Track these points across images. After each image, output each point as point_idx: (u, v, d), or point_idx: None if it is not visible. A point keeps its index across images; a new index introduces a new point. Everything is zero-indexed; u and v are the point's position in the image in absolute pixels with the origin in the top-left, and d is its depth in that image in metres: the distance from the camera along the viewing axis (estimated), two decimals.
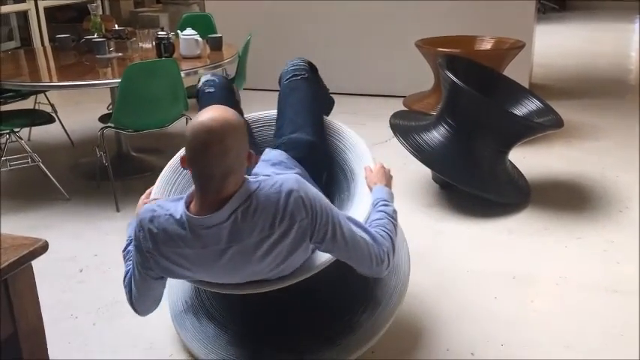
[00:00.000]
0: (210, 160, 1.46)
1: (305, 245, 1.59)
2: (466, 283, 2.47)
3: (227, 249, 1.54)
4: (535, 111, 3.30)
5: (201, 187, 1.52)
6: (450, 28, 4.72)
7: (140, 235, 1.59)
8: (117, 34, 4.06)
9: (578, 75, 6.19)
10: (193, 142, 1.46)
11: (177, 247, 1.55)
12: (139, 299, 1.73)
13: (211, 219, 1.51)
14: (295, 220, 1.53)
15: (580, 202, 3.20)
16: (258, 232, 1.53)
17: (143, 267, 1.63)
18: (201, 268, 1.60)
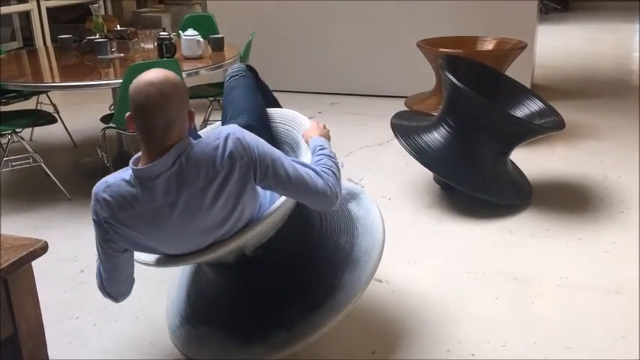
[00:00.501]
0: (153, 110, 1.55)
1: (251, 187, 1.67)
2: (467, 283, 2.47)
3: (177, 201, 1.61)
4: (537, 112, 3.29)
5: (146, 138, 1.60)
6: (452, 28, 4.72)
7: (97, 207, 1.64)
8: (119, 34, 4.06)
9: (581, 76, 6.18)
10: (138, 97, 1.55)
11: (131, 208, 1.61)
12: (109, 281, 1.76)
13: (156, 166, 1.58)
14: (235, 159, 1.62)
15: (581, 203, 3.19)
16: (203, 176, 1.60)
17: (105, 241, 1.67)
18: (156, 230, 1.65)
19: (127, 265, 1.77)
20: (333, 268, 2.00)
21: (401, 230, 2.93)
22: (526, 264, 2.61)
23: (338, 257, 2.03)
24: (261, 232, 1.81)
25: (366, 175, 3.63)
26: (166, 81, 1.57)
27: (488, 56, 4.08)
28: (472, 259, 2.66)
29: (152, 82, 1.55)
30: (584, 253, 2.70)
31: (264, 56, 5.09)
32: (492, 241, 2.82)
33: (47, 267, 2.61)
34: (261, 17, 5.47)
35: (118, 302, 1.84)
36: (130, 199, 1.61)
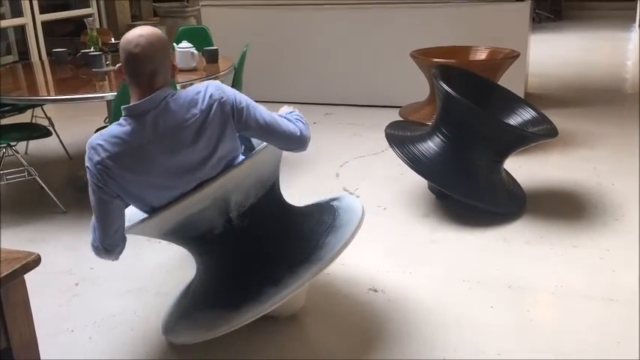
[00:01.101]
0: (142, 59, 1.81)
1: (230, 129, 1.89)
2: (462, 292, 2.47)
3: (164, 136, 1.81)
4: (530, 120, 3.31)
5: (135, 83, 1.84)
6: (445, 38, 4.75)
7: (90, 154, 1.81)
8: (114, 47, 4.07)
9: (574, 84, 6.22)
10: (129, 46, 1.81)
11: (123, 144, 1.79)
12: (102, 231, 1.87)
13: (145, 103, 1.81)
14: (214, 98, 1.87)
15: (576, 210, 3.20)
16: (187, 115, 1.83)
17: (98, 187, 1.82)
18: (145, 168, 1.81)
19: (119, 214, 1.89)
20: (317, 234, 2.12)
21: (396, 239, 2.94)
22: (521, 272, 2.61)
23: (321, 229, 2.14)
24: (242, 179, 1.95)
25: (361, 185, 3.63)
26: (153, 34, 1.84)
27: (481, 66, 4.10)
28: (467, 267, 2.66)
29: (141, 34, 1.82)
30: (578, 260, 2.70)
31: (258, 68, 5.11)
32: (488, 249, 2.82)
33: (42, 280, 2.61)
34: (255, 29, 5.49)
35: (112, 258, 1.95)
36: (122, 135, 1.80)
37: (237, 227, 2.00)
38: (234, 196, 1.95)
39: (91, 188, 1.85)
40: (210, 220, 1.96)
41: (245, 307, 1.95)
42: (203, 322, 2.08)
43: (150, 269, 2.72)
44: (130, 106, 1.83)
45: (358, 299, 2.44)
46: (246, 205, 1.99)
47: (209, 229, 1.99)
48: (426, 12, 5.13)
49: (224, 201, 1.94)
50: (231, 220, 1.98)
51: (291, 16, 5.50)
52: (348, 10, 5.38)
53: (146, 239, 3.00)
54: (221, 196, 1.92)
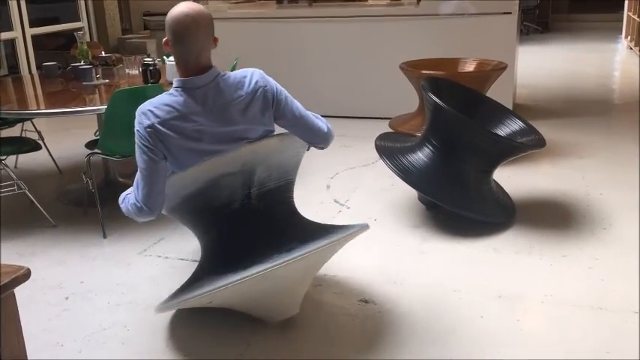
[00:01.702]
0: (191, 36, 1.97)
1: (269, 115, 2.11)
2: (452, 302, 2.48)
3: (212, 110, 2.01)
4: (518, 131, 3.34)
5: (185, 59, 2.01)
6: (434, 50, 4.79)
7: (141, 118, 1.97)
8: (104, 60, 4.08)
9: (562, 95, 6.28)
10: (177, 25, 1.96)
11: (174, 111, 1.97)
12: (148, 192, 2.00)
13: (201, 79, 2.01)
14: (258, 86, 2.08)
15: (565, 220, 3.23)
16: (235, 94, 2.04)
17: (148, 148, 1.97)
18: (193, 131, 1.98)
19: (163, 176, 2.03)
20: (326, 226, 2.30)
21: (387, 250, 2.95)
22: (511, 282, 2.62)
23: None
24: (270, 153, 2.14)
25: (351, 196, 3.65)
26: (200, 11, 1.99)
27: (470, 77, 4.14)
28: (458, 277, 2.67)
29: (188, 13, 1.96)
30: (567, 269, 2.72)
31: None
32: (478, 260, 2.83)
33: (32, 294, 2.60)
34: (245, 41, 5.52)
35: (151, 217, 2.08)
36: (172, 104, 1.98)
37: (253, 207, 2.14)
38: (258, 170, 2.12)
39: (140, 150, 2.00)
40: (233, 191, 2.10)
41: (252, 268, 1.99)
42: (207, 283, 2.09)
43: (141, 283, 2.72)
44: (185, 80, 2.00)
45: (348, 310, 2.44)
46: (266, 186, 2.16)
47: (228, 202, 2.11)
48: (414, 24, 5.18)
49: (250, 172, 2.10)
50: (250, 197, 2.13)
51: (281, 29, 5.53)
52: (337, 22, 5.42)
53: (137, 252, 3.00)
54: (250, 162, 2.09)
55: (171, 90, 2.03)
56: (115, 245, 3.10)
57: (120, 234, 3.22)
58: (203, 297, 2.04)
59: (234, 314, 2.42)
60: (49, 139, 4.23)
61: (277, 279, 2.06)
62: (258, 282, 1.99)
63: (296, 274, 2.19)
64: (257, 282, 1.98)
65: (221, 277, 2.02)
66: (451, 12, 5.01)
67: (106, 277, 2.78)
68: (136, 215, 2.10)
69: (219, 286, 1.98)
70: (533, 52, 9.00)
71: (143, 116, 1.98)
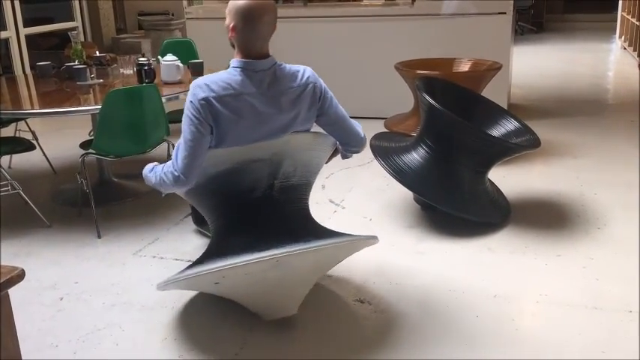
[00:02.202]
0: (261, 21, 2.09)
1: (313, 112, 2.22)
2: (448, 302, 2.48)
3: (265, 94, 2.10)
4: (513, 131, 3.35)
5: (250, 45, 2.11)
6: (429, 50, 4.80)
7: (196, 90, 2.05)
8: (98, 60, 4.07)
9: (557, 95, 6.30)
10: (248, 10, 2.06)
11: (230, 89, 2.06)
12: (189, 163, 2.06)
13: (262, 63, 2.12)
14: (309, 82, 2.20)
15: (559, 220, 3.24)
16: (288, 84, 2.15)
17: (198, 120, 2.04)
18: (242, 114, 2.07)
19: (205, 150, 2.08)
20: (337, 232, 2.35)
21: (382, 251, 2.95)
22: (506, 281, 2.63)
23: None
24: (299, 148, 2.21)
25: (346, 197, 3.65)
26: (270, 2, 2.11)
27: (464, 77, 4.14)
28: (453, 277, 2.67)
29: (258, 2, 2.07)
30: (562, 269, 2.73)
31: None
32: (473, 260, 2.84)
33: (26, 295, 2.59)
34: None
35: (185, 188, 2.13)
36: (229, 82, 2.07)
37: (274, 199, 2.20)
38: (286, 163, 2.18)
39: (189, 121, 2.06)
40: (258, 179, 2.16)
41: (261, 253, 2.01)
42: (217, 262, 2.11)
43: (135, 284, 2.71)
44: (247, 61, 2.10)
45: (344, 310, 2.44)
46: (289, 180, 2.22)
47: (251, 189, 2.17)
48: (409, 24, 5.18)
49: (278, 163, 2.16)
50: (272, 188, 2.19)
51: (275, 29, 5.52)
52: (332, 23, 5.42)
53: (132, 253, 2.99)
54: (280, 153, 2.15)
55: (229, 69, 2.11)
56: (110, 245, 3.10)
57: (115, 234, 3.21)
58: (213, 274, 2.05)
59: (230, 314, 2.42)
60: (43, 139, 4.22)
61: (288, 269, 2.08)
62: (270, 267, 2.02)
63: (305, 269, 2.21)
64: (268, 267, 2.02)
65: (233, 257, 2.04)
66: (453, 12, 5.02)
67: (101, 278, 2.77)
68: (170, 184, 2.13)
69: (232, 263, 2.00)
70: (528, 52, 9.02)
71: (198, 89, 2.05)
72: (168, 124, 3.30)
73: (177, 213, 3.44)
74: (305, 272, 2.24)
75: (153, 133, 3.27)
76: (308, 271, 2.25)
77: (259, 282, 2.12)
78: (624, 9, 9.01)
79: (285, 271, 2.09)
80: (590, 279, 2.63)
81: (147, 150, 3.33)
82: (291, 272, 2.13)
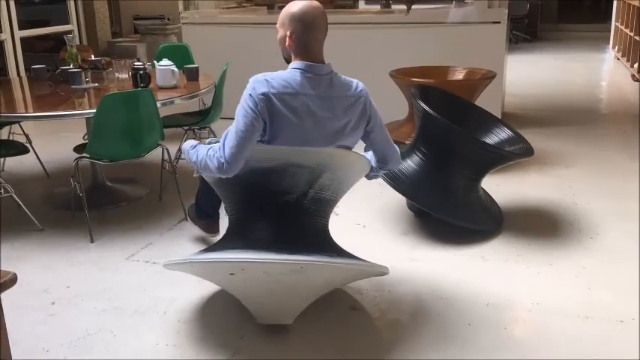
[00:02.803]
0: (320, 26, 2.18)
1: (362, 127, 2.28)
2: (441, 310, 2.49)
3: (322, 97, 2.16)
4: (506, 140, 3.36)
5: (309, 48, 2.18)
6: (424, 58, 4.82)
7: (256, 84, 2.09)
8: (93, 64, 4.06)
9: (550, 104, 6.33)
10: (307, 15, 2.15)
11: (289, 88, 2.11)
12: (236, 153, 2.08)
13: (321, 67, 2.19)
14: (362, 94, 2.26)
15: (552, 228, 3.25)
16: (343, 92, 2.21)
17: (254, 113, 2.08)
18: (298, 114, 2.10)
19: (253, 143, 2.10)
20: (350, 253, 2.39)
21: (376, 257, 2.93)
22: (499, 290, 2.64)
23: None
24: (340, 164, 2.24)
25: (340, 203, 3.62)
26: (320, 6, 2.19)
27: (459, 86, 4.16)
28: (446, 285, 2.68)
29: (315, 5, 2.17)
30: (554, 278, 2.74)
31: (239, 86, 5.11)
32: (466, 267, 2.85)
33: (18, 299, 2.58)
34: (236, 47, 5.52)
35: (227, 174, 2.12)
36: (289, 81, 2.12)
37: (304, 207, 2.22)
38: (325, 175, 2.20)
39: (245, 113, 2.09)
40: (295, 184, 2.18)
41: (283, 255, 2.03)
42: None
43: (127, 288, 2.70)
44: (309, 64, 2.15)
45: (338, 317, 2.44)
46: (322, 193, 2.25)
47: (285, 192, 2.19)
48: (404, 32, 5.20)
49: (318, 174, 2.19)
50: (306, 196, 2.21)
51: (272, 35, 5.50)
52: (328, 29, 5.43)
53: (124, 257, 2.98)
54: (323, 165, 2.18)
55: (288, 69, 2.17)
56: (103, 250, 3.09)
57: (107, 239, 3.20)
58: (233, 264, 2.07)
59: (222, 321, 2.41)
60: (36, 142, 4.20)
61: (304, 278, 2.12)
62: (290, 272, 2.05)
63: (317, 282, 2.24)
64: (289, 272, 2.05)
65: (255, 252, 2.06)
66: (459, 20, 5.04)
67: (93, 282, 2.76)
68: (213, 169, 2.14)
69: (257, 258, 2.03)
70: (522, 61, 9.07)
71: (258, 83, 2.09)
72: (162, 129, 3.30)
73: (170, 218, 3.43)
74: (315, 285, 2.26)
75: (147, 137, 3.27)
76: (318, 284, 2.28)
77: (272, 283, 2.13)
78: (618, 19, 9.08)
79: (300, 279, 2.11)
80: (582, 288, 2.64)
81: (141, 154, 3.32)
82: (304, 281, 2.16)
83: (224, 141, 2.12)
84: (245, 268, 2.07)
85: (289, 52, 2.21)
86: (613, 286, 2.65)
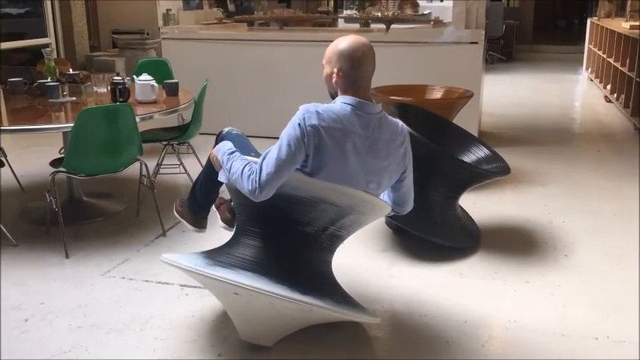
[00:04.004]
0: (366, 65, 2.13)
1: (401, 166, 2.27)
2: (419, 327, 2.49)
3: (370, 137, 2.12)
4: (483, 158, 3.41)
5: (358, 85, 2.13)
6: (402, 77, 4.86)
7: (306, 115, 2.03)
8: (71, 78, 4.03)
9: (526, 123, 6.44)
10: (355, 53, 2.10)
11: (339, 123, 2.06)
12: (272, 178, 2.01)
13: (371, 107, 2.14)
14: (405, 138, 2.25)
15: (528, 246, 3.29)
16: (389, 133, 2.18)
17: (301, 143, 2.02)
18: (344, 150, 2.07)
19: (290, 173, 2.05)
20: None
21: (355, 274, 2.95)
22: (476, 307, 2.65)
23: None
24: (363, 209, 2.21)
25: None
26: (368, 42, 2.15)
27: (437, 105, 4.21)
28: (425, 302, 2.69)
29: (363, 42, 2.13)
30: (530, 295, 2.77)
31: (218, 101, 5.12)
32: (444, 285, 2.86)
33: None
34: (215, 63, 5.53)
35: (258, 198, 2.05)
36: (340, 116, 2.07)
37: (320, 241, 2.22)
38: (350, 217, 2.20)
39: (291, 140, 2.03)
40: (320, 218, 2.16)
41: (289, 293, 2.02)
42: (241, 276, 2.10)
43: (103, 305, 2.66)
44: (360, 102, 2.11)
45: (317, 336, 2.43)
46: (340, 231, 2.25)
47: (307, 223, 2.16)
48: (383, 51, 5.20)
49: (344, 214, 2.18)
50: (325, 231, 2.20)
51: (252, 51, 5.56)
52: (308, 47, 5.47)
53: (100, 273, 2.94)
54: (353, 206, 2.17)
55: (340, 103, 2.12)
56: (78, 266, 3.04)
57: (83, 254, 3.15)
58: (244, 289, 2.04)
59: (199, 340, 2.39)
60: (12, 155, 4.15)
61: (304, 315, 2.13)
62: (295, 310, 2.05)
63: (315, 319, 2.26)
64: (294, 309, 2.04)
65: (262, 278, 2.05)
66: (452, 40, 5.11)
67: (68, 299, 2.71)
68: (245, 187, 2.06)
69: (270, 292, 2.00)
70: (498, 80, 9.21)
71: (309, 114, 2.04)
72: (141, 144, 3.28)
73: (148, 234, 3.40)
74: (312, 320, 2.29)
75: (126, 152, 3.25)
76: (315, 320, 2.30)
77: (272, 312, 2.13)
78: (591, 42, 9.29)
79: (302, 315, 2.13)
80: (557, 306, 2.67)
81: (119, 169, 3.30)
82: (304, 317, 2.18)
83: (262, 163, 2.05)
84: (253, 295, 2.03)
85: (336, 88, 2.17)
86: (588, 303, 2.69)
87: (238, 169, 2.11)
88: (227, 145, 2.28)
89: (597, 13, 9.45)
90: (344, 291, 2.38)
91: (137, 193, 3.70)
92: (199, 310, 2.56)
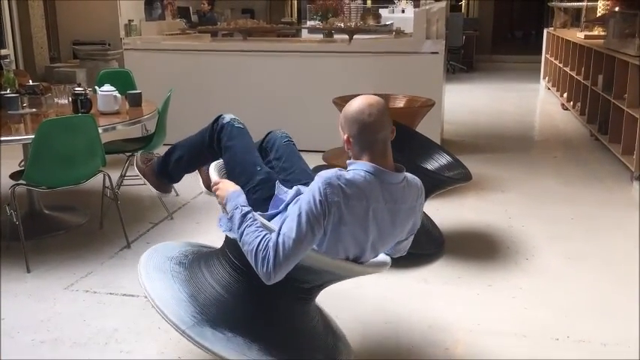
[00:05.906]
0: (377, 128, 1.89)
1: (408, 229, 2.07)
2: (384, 334, 2.52)
3: (392, 210, 1.93)
4: (446, 165, 3.47)
5: (374, 151, 1.91)
6: (366, 86, 4.93)
7: (328, 191, 1.79)
8: (31, 89, 3.96)
9: (486, 131, 6.58)
10: (362, 116, 1.89)
11: (361, 196, 1.85)
12: (284, 264, 1.77)
13: (394, 177, 1.93)
14: (422, 201, 2.06)
15: (490, 250, 3.36)
16: (412, 199, 2.00)
17: (317, 219, 1.78)
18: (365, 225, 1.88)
19: (305, 252, 1.82)
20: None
21: None
22: (441, 311, 2.70)
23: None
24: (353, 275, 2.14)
25: None
26: (380, 102, 1.93)
27: (400, 113, 4.27)
28: (389, 309, 2.72)
29: (371, 103, 1.90)
30: (493, 299, 2.83)
31: (182, 112, 5.10)
32: (409, 291, 2.90)
33: None
34: (179, 74, 5.50)
35: (269, 282, 1.80)
36: (363, 188, 1.85)
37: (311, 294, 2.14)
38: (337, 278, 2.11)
39: (310, 218, 1.78)
40: (320, 280, 2.07)
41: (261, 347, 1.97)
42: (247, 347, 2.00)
43: (66, 319, 2.62)
44: (382, 171, 1.90)
45: None
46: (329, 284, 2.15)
47: (305, 282, 2.04)
48: (346, 60, 5.32)
49: (338, 279, 2.11)
50: (320, 288, 2.13)
51: (215, 62, 5.56)
52: (272, 57, 5.50)
53: (63, 287, 2.90)
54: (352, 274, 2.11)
55: (360, 170, 1.88)
56: (40, 280, 2.99)
57: (45, 268, 3.10)
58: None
59: (165, 350, 2.37)
60: None
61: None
62: None
63: None
64: None
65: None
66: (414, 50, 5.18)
67: (30, 314, 2.66)
68: (256, 266, 1.80)
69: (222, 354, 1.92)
70: (459, 90, 9.38)
71: (333, 189, 1.80)
72: (104, 155, 3.25)
73: (111, 246, 3.36)
74: None
75: (88, 164, 3.21)
76: None
77: None
78: (548, 52, 9.54)
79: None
80: (519, 308, 2.74)
81: (81, 181, 3.26)
82: None
83: (277, 241, 1.78)
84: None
85: (350, 155, 1.97)
86: (548, 305, 2.76)
87: (252, 243, 1.82)
88: (241, 199, 1.97)
89: (553, 24, 9.72)
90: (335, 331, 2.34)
91: (100, 205, 3.65)
92: (165, 323, 2.54)
